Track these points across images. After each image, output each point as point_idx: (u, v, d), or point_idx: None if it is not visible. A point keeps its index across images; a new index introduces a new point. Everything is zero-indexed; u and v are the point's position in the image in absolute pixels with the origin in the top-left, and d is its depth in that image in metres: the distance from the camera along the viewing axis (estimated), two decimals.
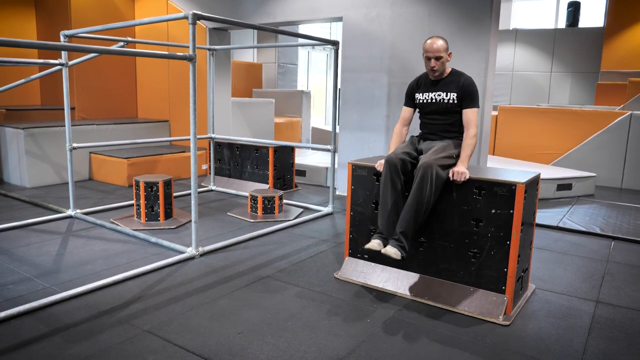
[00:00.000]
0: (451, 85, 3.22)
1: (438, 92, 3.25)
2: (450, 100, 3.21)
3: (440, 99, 3.25)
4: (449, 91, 3.22)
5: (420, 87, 3.37)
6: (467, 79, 3.22)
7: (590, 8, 12.62)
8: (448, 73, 3.27)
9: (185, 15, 3.61)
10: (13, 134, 6.10)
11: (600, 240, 4.47)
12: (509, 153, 7.64)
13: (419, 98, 3.35)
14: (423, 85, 3.35)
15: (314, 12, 6.02)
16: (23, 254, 3.74)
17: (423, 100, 3.34)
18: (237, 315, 2.81)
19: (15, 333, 2.54)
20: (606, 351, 2.53)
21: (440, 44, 3.15)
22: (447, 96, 3.22)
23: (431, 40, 3.19)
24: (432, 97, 3.27)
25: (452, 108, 3.23)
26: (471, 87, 3.18)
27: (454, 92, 3.20)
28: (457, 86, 3.19)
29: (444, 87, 3.24)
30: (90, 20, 6.97)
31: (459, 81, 3.20)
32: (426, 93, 3.32)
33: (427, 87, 3.32)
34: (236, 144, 6.37)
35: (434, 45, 3.14)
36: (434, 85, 3.28)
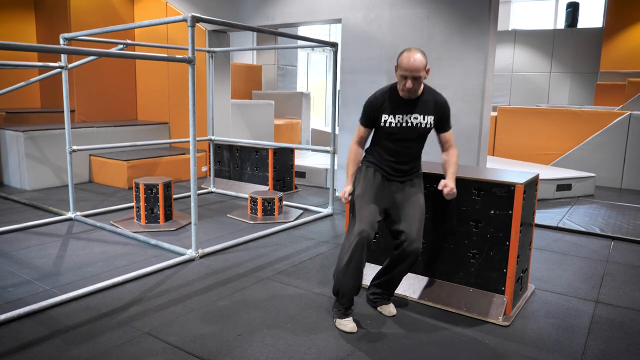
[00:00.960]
0: (427, 105, 2.72)
1: (414, 114, 2.70)
2: (427, 125, 2.73)
3: (417, 123, 2.71)
4: (426, 114, 2.71)
5: (387, 107, 2.72)
6: (442, 98, 2.78)
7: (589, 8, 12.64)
8: (421, 91, 2.72)
9: (184, 17, 3.62)
10: (13, 136, 6.11)
11: (599, 241, 4.47)
12: (508, 154, 7.65)
13: (388, 121, 2.71)
14: (392, 105, 2.71)
15: (313, 14, 6.03)
16: (23, 256, 3.74)
17: (395, 124, 2.71)
18: (236, 317, 2.81)
19: (16, 335, 2.54)
20: (606, 351, 2.53)
21: (420, 60, 2.56)
22: (425, 120, 2.72)
23: (408, 54, 2.58)
24: (408, 120, 2.70)
25: (426, 133, 2.77)
26: (447, 107, 2.77)
27: (431, 114, 2.72)
28: (433, 107, 2.72)
29: (420, 108, 2.71)
30: (90, 23, 6.98)
31: (435, 101, 2.73)
32: (399, 115, 2.70)
33: (398, 107, 2.71)
34: (236, 146, 6.38)
35: (415, 64, 2.55)
36: (407, 106, 2.70)
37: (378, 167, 2.81)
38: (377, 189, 2.77)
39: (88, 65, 6.30)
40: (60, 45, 4.47)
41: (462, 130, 5.10)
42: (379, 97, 2.76)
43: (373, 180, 2.79)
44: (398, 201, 2.79)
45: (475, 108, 5.01)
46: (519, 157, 7.50)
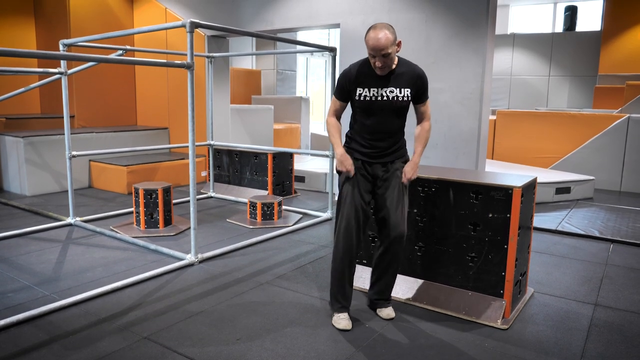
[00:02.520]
0: (402, 78, 2.67)
1: (390, 87, 2.65)
2: (405, 97, 2.67)
3: (393, 96, 2.65)
4: (401, 87, 2.66)
5: (362, 80, 2.68)
6: (418, 68, 2.72)
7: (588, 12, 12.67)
8: (396, 64, 2.68)
9: (183, 23, 3.63)
10: (13, 142, 6.12)
11: (598, 244, 4.47)
12: (507, 157, 7.66)
13: (363, 94, 2.68)
14: (367, 78, 2.68)
15: (312, 19, 6.06)
16: (23, 262, 3.75)
17: (369, 97, 2.67)
18: (236, 322, 2.81)
19: (15, 341, 2.55)
20: (604, 354, 2.53)
21: (386, 37, 2.51)
22: (402, 92, 2.66)
23: (374, 33, 2.53)
24: (383, 94, 2.65)
25: (405, 106, 2.72)
26: (424, 77, 2.72)
27: (406, 87, 2.67)
28: (409, 79, 2.67)
29: (395, 81, 2.66)
30: (90, 29, 7.01)
31: (412, 73, 2.69)
32: (373, 89, 2.66)
33: (372, 80, 2.67)
34: (235, 151, 6.39)
35: (380, 42, 2.50)
36: (382, 79, 2.66)
37: (358, 153, 2.77)
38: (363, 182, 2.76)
39: (88, 71, 6.32)
40: (60, 51, 4.49)
41: (460, 134, 5.12)
42: (354, 69, 2.71)
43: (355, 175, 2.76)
44: (380, 189, 2.77)
45: (473, 111, 5.03)
46: (518, 160, 7.51)
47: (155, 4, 7.43)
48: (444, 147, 5.22)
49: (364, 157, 2.76)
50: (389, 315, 2.89)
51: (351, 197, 2.72)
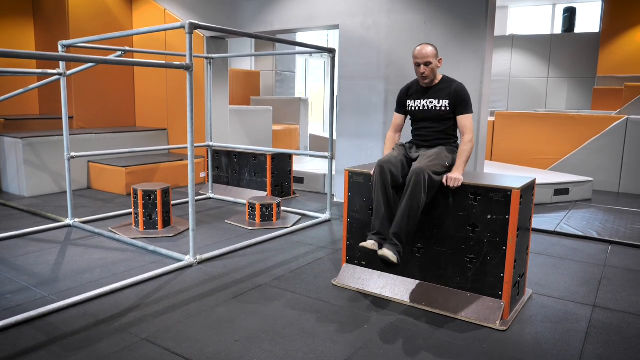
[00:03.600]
0: (443, 92, 3.22)
1: (430, 99, 3.25)
2: (443, 108, 3.21)
3: (432, 106, 3.25)
4: (440, 98, 3.22)
5: (412, 94, 3.37)
6: (459, 85, 3.22)
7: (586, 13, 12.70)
8: (439, 80, 3.28)
9: (182, 25, 3.64)
10: (12, 143, 6.12)
11: (597, 245, 4.48)
12: (506, 158, 7.67)
13: (411, 105, 3.36)
14: (414, 93, 3.35)
15: (311, 20, 6.06)
16: (21, 263, 3.74)
17: (415, 108, 3.34)
18: (234, 323, 2.81)
19: (14, 342, 2.54)
20: (603, 356, 2.54)
21: (430, 50, 3.17)
22: (440, 103, 3.22)
23: (420, 46, 3.22)
24: (424, 104, 3.28)
25: (444, 115, 3.22)
26: (463, 93, 3.18)
27: (445, 99, 3.20)
28: (448, 93, 3.19)
29: (435, 94, 3.24)
30: (89, 29, 7.01)
31: (451, 88, 3.20)
32: (418, 100, 3.32)
33: (418, 94, 3.32)
34: (234, 152, 6.39)
35: (423, 51, 3.17)
36: (425, 93, 3.29)
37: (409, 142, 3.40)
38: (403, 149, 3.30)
39: (87, 72, 6.32)
40: (59, 53, 4.49)
41: None
42: (406, 87, 3.43)
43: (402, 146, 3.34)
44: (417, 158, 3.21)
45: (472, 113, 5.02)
46: (517, 161, 7.52)
47: (154, 5, 7.44)
48: None
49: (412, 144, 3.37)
50: (383, 254, 2.88)
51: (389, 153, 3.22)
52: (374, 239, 3.00)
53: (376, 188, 3.05)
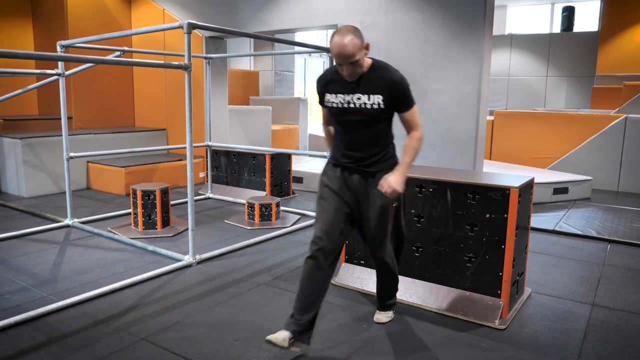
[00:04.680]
0: (374, 84, 2.35)
1: (357, 94, 2.37)
2: (375, 105, 2.35)
3: (360, 104, 2.37)
4: (371, 92, 2.35)
5: (332, 85, 2.46)
6: (395, 73, 2.37)
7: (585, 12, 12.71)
8: (368, 67, 2.37)
9: (180, 24, 3.64)
10: (11, 144, 6.12)
11: (596, 244, 4.48)
12: (505, 157, 7.67)
13: (331, 101, 2.46)
14: (335, 83, 2.44)
15: (310, 20, 6.06)
16: (21, 263, 3.74)
17: (336, 105, 2.44)
18: (233, 323, 2.81)
19: (13, 343, 2.54)
20: (602, 354, 2.54)
21: (352, 44, 2.22)
22: (370, 99, 2.36)
23: (338, 39, 2.23)
24: (349, 100, 2.39)
25: (378, 116, 2.38)
26: (402, 84, 2.36)
27: (377, 93, 2.35)
28: (382, 86, 2.34)
29: (364, 87, 2.36)
30: (87, 30, 7.00)
31: (385, 78, 2.35)
32: (341, 95, 2.41)
33: (340, 85, 2.41)
34: (233, 152, 6.39)
35: (345, 51, 2.22)
36: (350, 85, 2.38)
37: (336, 160, 2.53)
38: (337, 190, 2.48)
39: (85, 72, 6.32)
40: (58, 53, 4.49)
41: (458, 134, 5.12)
42: (326, 73, 2.51)
43: (332, 178, 2.51)
44: (361, 202, 2.48)
45: (471, 112, 5.03)
46: (516, 160, 7.52)
47: (153, 5, 7.43)
48: (441, 148, 5.23)
49: (342, 164, 2.51)
50: (377, 319, 2.86)
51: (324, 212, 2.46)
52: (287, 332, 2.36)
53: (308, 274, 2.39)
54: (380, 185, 2.32)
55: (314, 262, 2.38)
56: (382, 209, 2.47)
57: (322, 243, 2.37)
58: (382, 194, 2.37)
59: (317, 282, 2.40)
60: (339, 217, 2.46)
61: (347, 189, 2.49)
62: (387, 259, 2.65)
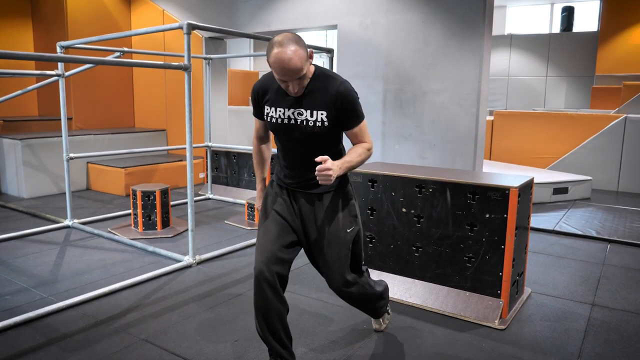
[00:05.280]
0: (317, 97, 2.04)
1: (298, 109, 2.06)
2: (318, 123, 2.05)
3: (301, 120, 2.06)
4: (314, 108, 2.04)
5: (269, 98, 2.13)
6: (341, 85, 2.05)
7: (585, 12, 12.71)
8: (310, 78, 2.05)
9: (180, 25, 3.64)
10: (10, 144, 6.12)
11: (596, 244, 4.48)
12: (505, 158, 7.67)
13: (270, 115, 2.14)
14: (274, 95, 2.12)
15: (309, 20, 6.06)
16: (20, 264, 3.74)
17: (275, 120, 2.12)
18: (233, 323, 2.81)
19: (12, 343, 2.54)
20: (602, 354, 2.54)
21: (297, 55, 1.88)
22: (313, 116, 2.05)
23: (279, 53, 1.87)
24: (289, 116, 2.08)
25: (321, 134, 2.08)
26: (349, 97, 2.05)
27: (321, 109, 2.04)
28: (326, 99, 2.03)
29: (306, 101, 2.05)
30: (87, 31, 7.01)
31: (330, 91, 2.03)
32: (280, 109, 2.10)
33: (279, 98, 2.10)
34: (233, 152, 6.39)
35: (292, 64, 1.88)
36: (290, 98, 2.07)
37: (280, 180, 2.26)
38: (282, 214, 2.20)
39: (85, 73, 6.32)
40: (57, 54, 4.49)
41: (458, 135, 5.12)
42: (264, 83, 2.16)
43: (276, 201, 2.23)
44: (310, 232, 2.22)
45: (471, 112, 5.04)
46: (516, 161, 7.52)
47: (152, 5, 7.44)
48: (441, 148, 5.23)
49: (287, 186, 2.24)
50: (375, 328, 2.78)
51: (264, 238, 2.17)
52: None
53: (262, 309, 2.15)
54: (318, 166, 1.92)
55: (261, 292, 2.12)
56: (334, 235, 2.19)
57: (264, 275, 2.09)
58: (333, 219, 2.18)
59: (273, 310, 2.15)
60: (281, 244, 2.14)
61: (293, 214, 2.21)
62: (349, 287, 2.27)
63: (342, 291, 2.29)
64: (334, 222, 2.19)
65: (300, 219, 2.22)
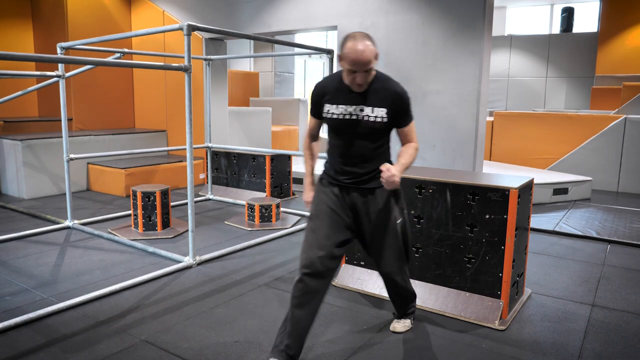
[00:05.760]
0: (378, 96, 2.26)
1: (360, 106, 2.26)
2: (378, 119, 2.25)
3: (363, 116, 2.25)
4: (375, 106, 2.25)
5: (333, 95, 2.32)
6: (398, 86, 2.31)
7: (584, 13, 12.71)
8: (371, 79, 2.27)
9: (180, 26, 3.64)
10: (11, 145, 6.12)
11: (596, 244, 4.48)
12: (505, 158, 7.67)
13: (331, 112, 2.31)
14: (337, 93, 2.31)
15: (309, 21, 6.07)
16: (21, 265, 3.75)
17: (336, 117, 2.30)
18: (234, 324, 2.82)
19: (13, 344, 2.55)
20: (602, 354, 2.54)
21: (370, 50, 2.13)
22: (374, 113, 2.25)
23: (353, 44, 2.12)
24: (351, 112, 2.27)
25: (380, 130, 2.28)
26: (404, 97, 2.29)
27: (382, 107, 2.25)
28: (386, 98, 2.26)
29: (368, 99, 2.26)
30: (87, 31, 7.02)
31: (388, 91, 2.27)
32: (342, 106, 2.28)
33: (342, 95, 2.29)
34: (233, 153, 6.40)
35: (363, 56, 2.11)
36: (353, 97, 2.27)
37: (332, 177, 2.41)
38: (332, 211, 2.33)
39: (85, 74, 6.33)
40: (58, 55, 4.49)
41: (458, 135, 5.13)
42: (326, 82, 2.37)
43: (326, 198, 2.37)
44: (363, 222, 2.37)
45: (470, 113, 5.04)
46: (516, 161, 7.53)
47: (152, 6, 7.45)
48: (441, 149, 5.23)
49: (338, 182, 2.38)
50: (393, 328, 2.78)
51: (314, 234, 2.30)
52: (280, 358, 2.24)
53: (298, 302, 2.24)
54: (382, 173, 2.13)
55: (303, 286, 2.23)
56: (386, 225, 2.38)
57: (316, 267, 2.21)
58: (385, 211, 2.36)
59: (309, 306, 2.24)
60: (334, 240, 2.28)
61: (345, 209, 2.36)
62: (395, 276, 2.52)
63: (390, 277, 2.52)
64: (386, 213, 2.38)
65: (353, 212, 2.38)
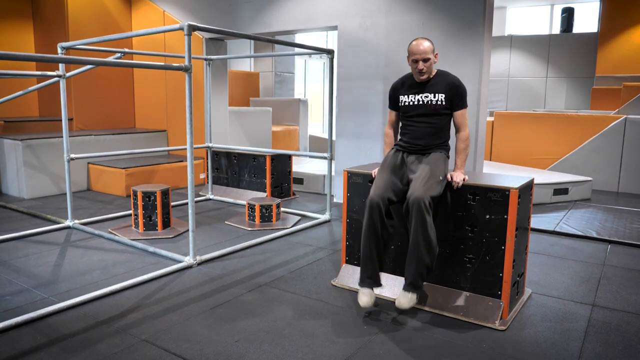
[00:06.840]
0: (438, 85, 3.09)
1: (425, 93, 3.11)
2: (439, 102, 3.08)
3: (427, 100, 3.09)
4: (436, 92, 3.08)
5: (405, 89, 3.21)
6: (455, 78, 3.11)
7: (585, 13, 12.71)
8: (434, 74, 3.15)
9: (180, 26, 3.64)
10: (11, 145, 6.12)
11: (596, 244, 4.48)
12: (505, 158, 7.68)
13: (404, 100, 3.19)
14: (408, 87, 3.19)
15: (310, 22, 6.07)
16: (21, 265, 3.75)
17: (408, 103, 3.17)
18: (234, 324, 2.82)
19: (13, 344, 2.55)
20: (602, 355, 2.54)
21: (427, 45, 3.03)
22: (435, 97, 3.08)
23: (417, 42, 3.05)
24: (419, 99, 3.12)
25: (439, 110, 3.09)
26: (460, 86, 3.08)
27: (441, 92, 3.07)
28: (444, 86, 3.07)
29: (430, 88, 3.10)
30: (88, 31, 7.02)
31: (446, 81, 3.09)
32: (412, 95, 3.16)
33: (412, 88, 3.17)
34: (234, 153, 6.40)
35: (421, 47, 3.01)
36: (420, 87, 3.13)
37: (400, 145, 3.20)
38: (393, 165, 3.09)
39: (86, 74, 6.33)
40: (58, 55, 4.50)
41: None
42: (398, 81, 3.28)
43: (392, 157, 3.14)
44: (414, 169, 3.04)
45: (471, 113, 5.04)
46: (516, 161, 7.53)
47: (153, 6, 7.45)
48: None
49: (403, 148, 3.17)
50: (399, 303, 2.82)
51: (378, 178, 3.04)
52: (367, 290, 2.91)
53: (366, 231, 2.93)
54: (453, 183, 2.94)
55: (370, 218, 2.88)
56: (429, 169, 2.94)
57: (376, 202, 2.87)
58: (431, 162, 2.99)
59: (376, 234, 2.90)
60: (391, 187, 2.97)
61: (404, 168, 3.09)
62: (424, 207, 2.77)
63: (419, 203, 2.78)
64: (432, 163, 2.99)
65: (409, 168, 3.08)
